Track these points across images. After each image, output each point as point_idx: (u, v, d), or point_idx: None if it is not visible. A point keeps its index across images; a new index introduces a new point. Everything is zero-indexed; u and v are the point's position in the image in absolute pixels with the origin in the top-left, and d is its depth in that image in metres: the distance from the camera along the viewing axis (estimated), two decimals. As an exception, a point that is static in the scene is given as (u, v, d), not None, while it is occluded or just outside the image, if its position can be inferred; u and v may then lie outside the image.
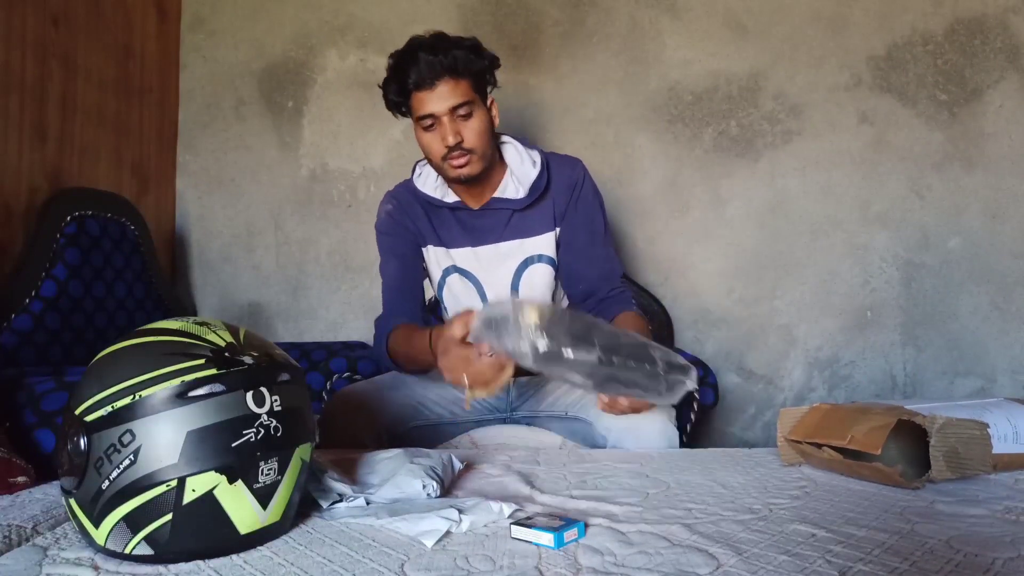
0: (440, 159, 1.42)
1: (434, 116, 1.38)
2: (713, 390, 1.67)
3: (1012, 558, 0.72)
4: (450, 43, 1.39)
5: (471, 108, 1.40)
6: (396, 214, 1.55)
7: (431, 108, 1.38)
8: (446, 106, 1.38)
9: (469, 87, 1.40)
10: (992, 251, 2.16)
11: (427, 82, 1.37)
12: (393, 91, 1.42)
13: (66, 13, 1.83)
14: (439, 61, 1.36)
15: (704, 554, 0.74)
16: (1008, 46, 2.15)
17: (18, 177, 1.70)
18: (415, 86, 1.38)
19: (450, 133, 1.38)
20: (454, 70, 1.37)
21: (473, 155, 1.41)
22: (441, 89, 1.37)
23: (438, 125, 1.39)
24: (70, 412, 0.73)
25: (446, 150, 1.39)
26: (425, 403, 1.47)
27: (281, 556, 0.73)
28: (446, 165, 1.42)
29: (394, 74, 1.41)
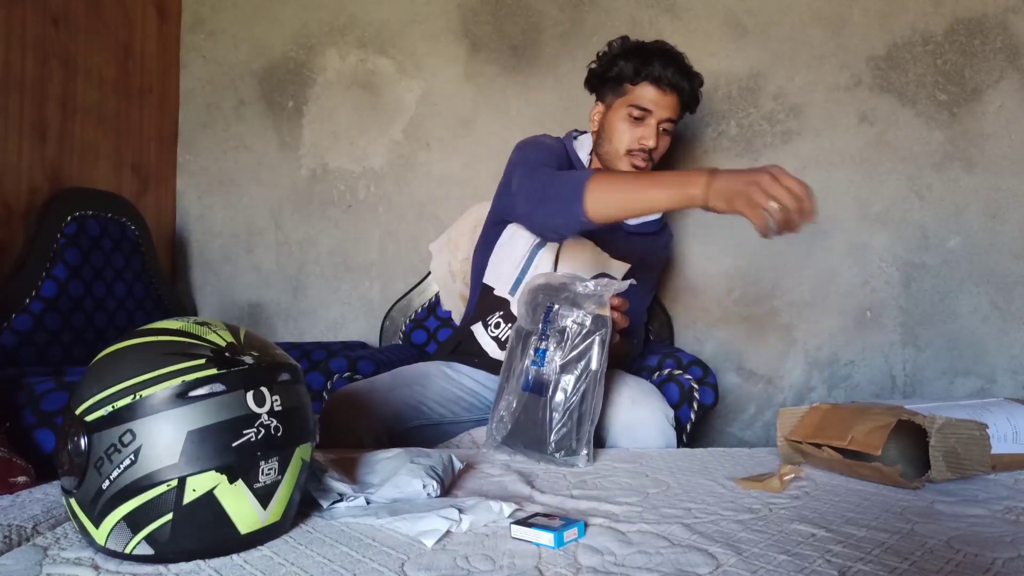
0: (625, 151, 1.50)
1: (649, 113, 1.48)
2: (713, 390, 1.67)
3: (1012, 558, 0.72)
4: (694, 71, 1.53)
5: (673, 128, 1.54)
6: (555, 148, 1.55)
7: (653, 106, 1.48)
8: (664, 114, 1.49)
9: (679, 113, 1.53)
10: (992, 251, 2.16)
11: (664, 84, 1.47)
12: (625, 67, 1.48)
13: (66, 13, 1.83)
14: (683, 78, 1.48)
15: (704, 554, 0.74)
16: (1008, 46, 2.15)
17: (18, 177, 1.70)
18: (652, 79, 1.46)
19: (652, 137, 1.48)
20: (683, 93, 1.50)
21: (651, 165, 1.52)
22: (669, 98, 1.48)
23: (646, 123, 1.48)
24: (70, 412, 0.73)
25: (639, 147, 1.49)
26: (426, 403, 1.47)
27: (281, 556, 0.73)
28: (626, 158, 1.50)
29: (636, 56, 1.48)
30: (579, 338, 1.15)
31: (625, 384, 1.43)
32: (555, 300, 1.17)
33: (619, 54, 1.52)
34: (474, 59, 2.27)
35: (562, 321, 1.16)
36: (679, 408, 1.61)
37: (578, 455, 1.13)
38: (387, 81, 2.29)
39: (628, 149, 1.50)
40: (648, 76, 1.47)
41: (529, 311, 1.20)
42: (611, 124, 1.52)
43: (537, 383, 1.16)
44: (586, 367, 1.14)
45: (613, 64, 1.52)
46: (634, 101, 1.49)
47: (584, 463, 1.14)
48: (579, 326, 1.15)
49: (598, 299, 1.16)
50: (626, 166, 1.51)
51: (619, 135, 1.50)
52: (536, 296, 1.20)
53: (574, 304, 1.16)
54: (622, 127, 1.50)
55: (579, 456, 1.13)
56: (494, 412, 1.22)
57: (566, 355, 1.15)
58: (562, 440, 1.13)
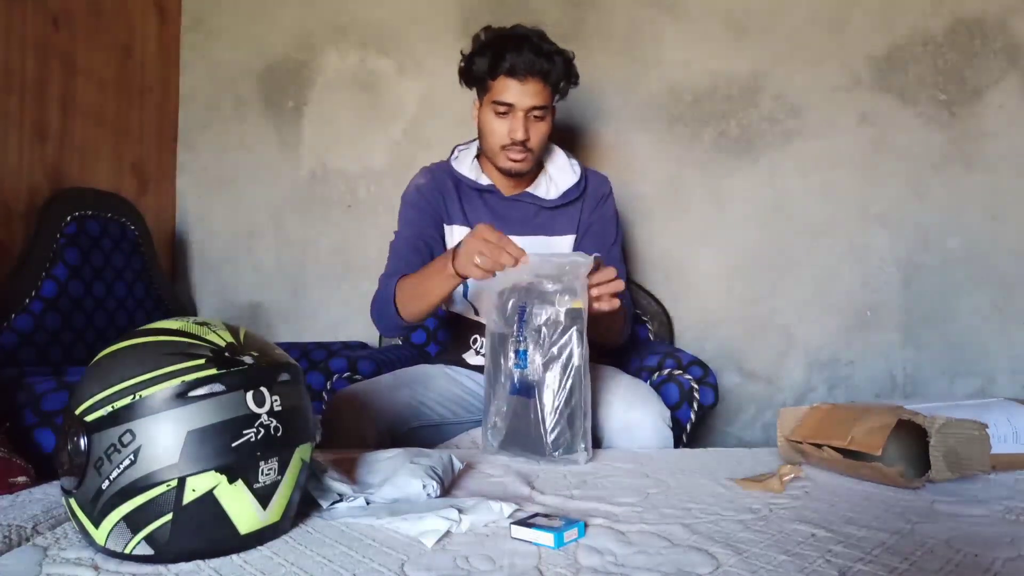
0: (499, 147, 1.48)
1: (512, 107, 1.44)
2: (713, 390, 1.67)
3: (1012, 558, 0.72)
4: (553, 49, 1.46)
5: (545, 113, 1.48)
6: (426, 189, 1.57)
7: (513, 99, 1.44)
8: (528, 103, 1.44)
9: (550, 95, 1.48)
10: (992, 251, 2.16)
11: (520, 73, 1.42)
12: (482, 64, 1.45)
13: (66, 13, 1.83)
14: (540, 62, 1.43)
15: (704, 554, 0.74)
16: (1008, 46, 2.15)
17: (18, 177, 1.70)
18: (508, 71, 1.43)
19: (521, 128, 1.44)
20: (547, 75, 1.44)
21: (531, 155, 1.49)
22: (530, 86, 1.43)
23: (512, 116, 1.45)
24: (70, 412, 0.73)
25: (510, 142, 1.46)
26: (428, 403, 1.47)
27: (281, 556, 0.73)
28: (502, 154, 1.48)
29: (490, 50, 1.45)
30: (556, 335, 1.15)
31: (621, 385, 1.43)
32: (526, 300, 1.17)
33: (475, 51, 1.48)
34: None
35: (536, 320, 1.16)
36: (679, 408, 1.61)
37: (576, 451, 1.13)
38: (387, 81, 2.29)
39: (501, 145, 1.48)
40: (502, 69, 1.43)
41: (501, 315, 1.20)
42: (483, 122, 1.50)
43: (524, 385, 1.16)
44: (568, 362, 1.14)
45: (471, 63, 1.48)
46: (495, 97, 1.45)
47: (584, 459, 1.13)
48: (554, 323, 1.15)
49: (570, 291, 1.15)
50: (504, 162, 1.49)
51: (490, 133, 1.48)
52: (506, 298, 1.20)
53: (546, 301, 1.16)
54: (493, 124, 1.47)
55: (578, 453, 1.13)
56: (485, 418, 1.22)
57: (546, 353, 1.14)
58: (558, 439, 1.13)
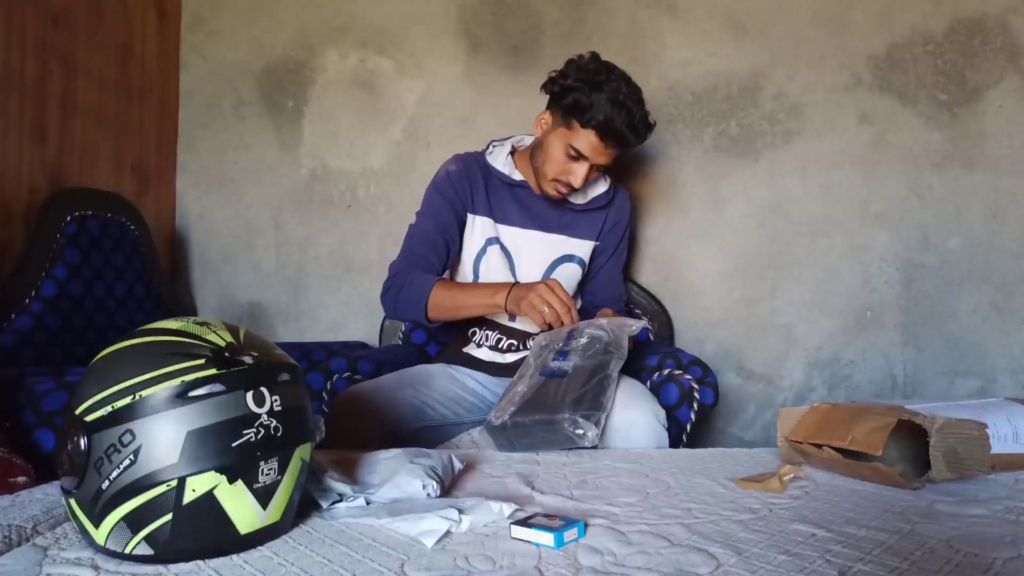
0: (551, 178, 1.51)
1: (586, 160, 1.47)
2: (713, 390, 1.67)
3: (1012, 558, 0.72)
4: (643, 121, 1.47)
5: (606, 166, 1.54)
6: (456, 176, 1.59)
7: (590, 155, 1.47)
8: (601, 161, 1.49)
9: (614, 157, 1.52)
10: (992, 251, 2.16)
11: (608, 139, 1.45)
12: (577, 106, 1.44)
13: (66, 13, 1.83)
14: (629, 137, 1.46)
15: (704, 554, 0.74)
16: (1008, 46, 2.15)
17: (18, 177, 1.70)
18: (598, 130, 1.44)
19: (581, 179, 1.49)
20: (628, 145, 1.50)
21: (571, 192, 1.55)
22: (610, 151, 1.48)
23: (580, 163, 1.48)
24: (70, 412, 0.73)
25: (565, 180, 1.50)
26: (430, 403, 1.47)
27: (281, 556, 0.73)
28: (552, 184, 1.53)
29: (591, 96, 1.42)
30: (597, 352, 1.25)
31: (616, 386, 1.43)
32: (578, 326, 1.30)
33: (575, 85, 1.45)
34: (474, 59, 2.27)
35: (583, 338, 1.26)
36: (679, 408, 1.61)
37: (591, 420, 1.13)
38: (387, 81, 2.29)
39: (555, 177, 1.51)
40: (595, 127, 1.43)
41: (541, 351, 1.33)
42: (549, 146, 1.51)
43: (558, 371, 1.23)
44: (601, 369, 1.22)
45: (566, 93, 1.46)
46: (574, 141, 1.46)
47: (593, 435, 1.13)
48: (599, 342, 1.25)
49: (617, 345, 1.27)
50: (549, 189, 1.54)
51: (552, 162, 1.50)
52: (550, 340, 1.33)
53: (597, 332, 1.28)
54: (557, 156, 1.49)
55: (592, 421, 1.13)
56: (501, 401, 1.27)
57: (584, 357, 1.23)
58: (579, 401, 1.15)
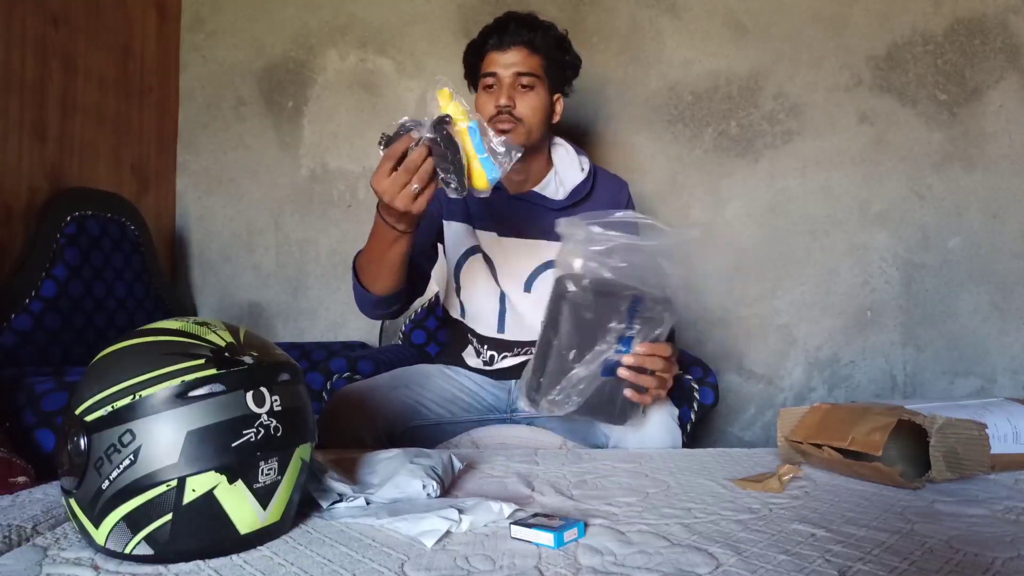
0: (488, 120, 1.40)
1: (496, 76, 1.41)
2: (713, 390, 1.67)
3: (1012, 558, 0.72)
4: (541, 23, 1.43)
5: (534, 82, 1.42)
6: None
7: (495, 67, 1.41)
8: (511, 71, 1.40)
9: (539, 64, 1.42)
10: (992, 251, 2.16)
11: (502, 44, 1.40)
12: (471, 51, 1.46)
13: (66, 13, 1.83)
14: (522, 31, 1.41)
15: (704, 554, 0.74)
16: (1008, 46, 2.15)
17: (18, 177, 1.70)
18: (491, 47, 1.42)
19: (504, 95, 1.39)
20: (533, 43, 1.41)
21: (520, 125, 1.41)
22: (512, 54, 1.40)
23: (497, 87, 1.41)
24: (70, 412, 0.73)
25: (495, 112, 1.40)
26: (425, 403, 1.47)
27: (281, 556, 0.73)
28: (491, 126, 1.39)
29: (478, 36, 1.45)
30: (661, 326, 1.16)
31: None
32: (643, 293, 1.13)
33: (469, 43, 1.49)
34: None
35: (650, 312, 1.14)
36: (679, 408, 1.61)
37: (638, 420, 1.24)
38: (387, 81, 2.29)
39: (490, 117, 1.41)
40: (489, 47, 1.42)
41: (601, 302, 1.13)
42: (477, 105, 1.45)
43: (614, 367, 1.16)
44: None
45: (466, 61, 1.49)
46: (482, 71, 1.44)
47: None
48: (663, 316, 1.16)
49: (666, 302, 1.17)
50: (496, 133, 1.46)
51: (481, 107, 1.44)
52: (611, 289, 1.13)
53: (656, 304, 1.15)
54: (480, 100, 1.44)
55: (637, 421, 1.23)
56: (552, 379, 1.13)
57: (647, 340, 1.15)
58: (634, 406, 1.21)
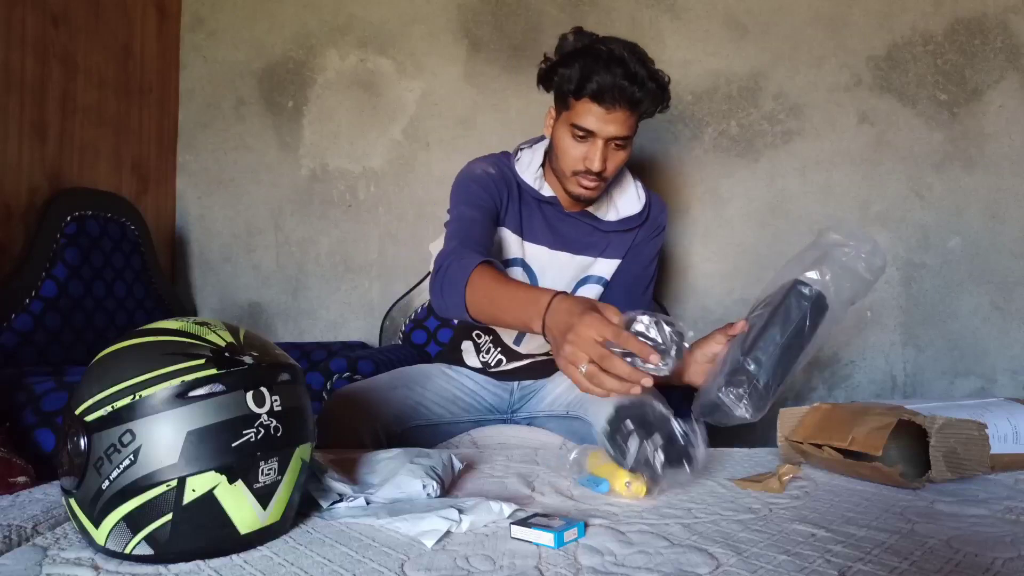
0: (571, 171, 1.36)
1: (593, 134, 1.31)
2: (713, 390, 1.67)
3: (1012, 558, 0.72)
4: (647, 74, 1.29)
5: (627, 143, 1.35)
6: (494, 177, 1.43)
7: (595, 127, 1.30)
8: (610, 133, 1.30)
9: (635, 122, 1.34)
10: (992, 251, 2.16)
11: (607, 101, 1.27)
12: (565, 80, 1.31)
13: (66, 13, 1.83)
14: (631, 90, 1.27)
15: (704, 554, 0.74)
16: (1008, 46, 2.15)
17: (18, 177, 1.70)
18: (593, 96, 1.28)
19: (599, 159, 1.31)
20: (637, 104, 1.29)
21: (603, 184, 1.38)
22: (616, 116, 1.29)
23: (591, 142, 1.32)
24: (70, 412, 0.73)
25: (584, 170, 1.34)
26: (424, 403, 1.47)
27: (281, 556, 0.73)
28: (573, 180, 1.37)
29: (577, 64, 1.29)
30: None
31: None
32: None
33: (560, 60, 1.33)
34: (474, 59, 2.27)
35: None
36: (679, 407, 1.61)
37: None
38: (387, 81, 2.29)
39: (574, 171, 1.35)
40: (588, 92, 1.27)
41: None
42: (558, 140, 1.37)
43: None
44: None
45: (553, 73, 1.34)
46: (576, 120, 1.31)
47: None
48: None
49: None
50: (575, 188, 1.37)
51: (564, 154, 1.35)
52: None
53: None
54: (567, 144, 1.34)
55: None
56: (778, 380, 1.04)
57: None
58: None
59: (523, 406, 1.55)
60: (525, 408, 1.55)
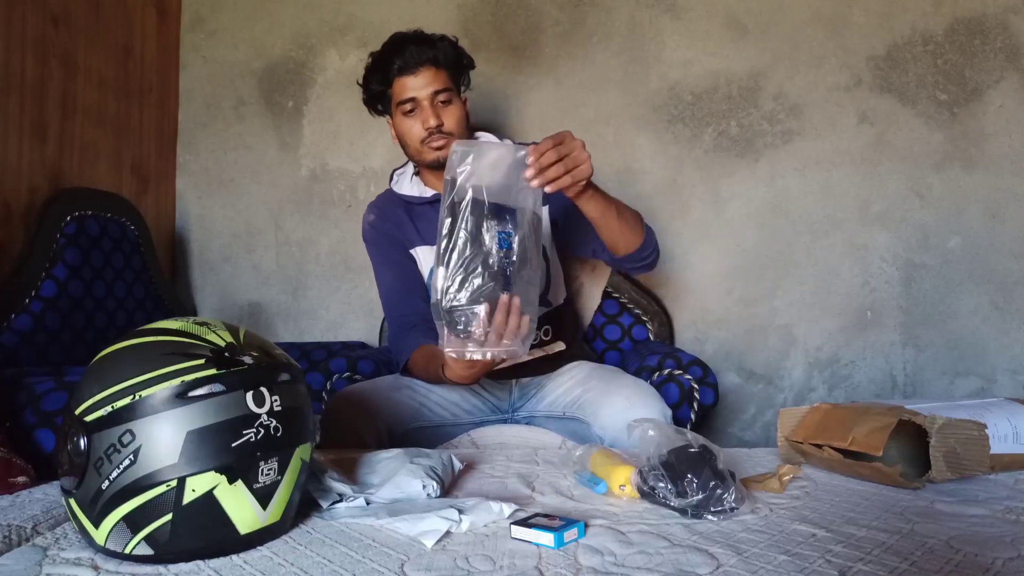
0: (420, 142, 1.48)
1: (415, 100, 1.46)
2: (713, 390, 1.67)
3: (1012, 558, 0.72)
4: (433, 37, 1.49)
5: (450, 96, 1.48)
6: (378, 223, 1.59)
7: (413, 92, 1.45)
8: (428, 91, 1.45)
9: (448, 77, 1.48)
10: (992, 251, 2.16)
11: (411, 68, 1.45)
12: (376, 80, 1.49)
13: (66, 13, 1.83)
14: (424, 50, 1.45)
15: (704, 554, 0.74)
16: (1008, 46, 2.15)
17: (18, 177, 1.70)
18: (399, 71, 1.45)
19: (431, 116, 1.45)
20: (436, 60, 1.46)
21: (452, 138, 1.46)
22: (424, 74, 1.45)
23: (419, 109, 1.46)
24: (70, 412, 0.73)
25: (426, 133, 1.46)
26: (427, 404, 1.47)
27: (281, 556, 0.73)
28: (425, 148, 1.48)
29: (377, 64, 1.49)
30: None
31: (623, 385, 1.43)
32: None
33: (366, 74, 1.52)
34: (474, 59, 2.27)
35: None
36: (679, 408, 1.61)
37: None
38: (387, 81, 2.29)
39: (420, 140, 1.47)
40: (396, 71, 1.46)
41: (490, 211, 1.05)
42: (399, 129, 1.51)
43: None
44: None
45: (367, 85, 1.53)
46: (399, 98, 1.48)
47: None
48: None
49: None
50: (430, 154, 1.47)
51: (407, 133, 1.49)
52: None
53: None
54: (406, 125, 1.49)
55: None
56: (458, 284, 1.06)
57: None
58: None
59: (524, 404, 1.55)
60: (526, 407, 1.55)
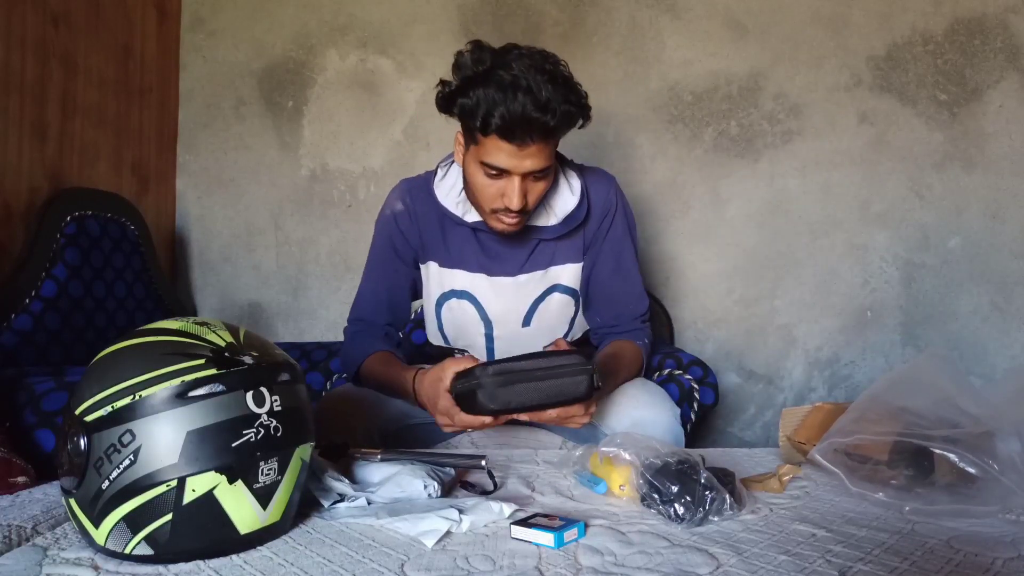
0: (490, 209, 1.22)
1: (508, 172, 1.16)
2: (713, 390, 1.67)
3: (1012, 558, 0.72)
4: (561, 96, 1.10)
5: (547, 172, 1.19)
6: (404, 220, 1.36)
7: (510, 165, 1.14)
8: (527, 168, 1.15)
9: (553, 149, 1.17)
10: (992, 251, 2.16)
11: (518, 137, 1.11)
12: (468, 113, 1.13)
13: (66, 13, 1.83)
14: (542, 120, 1.09)
15: (704, 554, 0.74)
16: (1008, 46, 2.15)
17: (18, 177, 1.70)
18: (501, 133, 1.11)
19: (518, 197, 1.16)
20: (553, 134, 1.14)
21: (525, 216, 1.24)
22: (530, 150, 1.13)
23: (506, 179, 1.17)
24: (70, 412, 0.73)
25: (502, 207, 1.19)
26: (421, 403, 1.45)
27: (281, 556, 0.73)
28: (493, 217, 1.23)
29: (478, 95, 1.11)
30: None
31: (630, 384, 1.41)
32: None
33: (459, 87, 1.14)
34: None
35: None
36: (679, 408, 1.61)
37: None
38: (387, 81, 2.29)
39: (492, 208, 1.21)
40: (496, 130, 1.10)
41: None
42: (471, 175, 1.21)
43: None
44: None
45: (452, 101, 1.15)
46: (486, 158, 1.15)
47: None
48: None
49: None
50: (496, 224, 1.23)
51: (479, 192, 1.20)
52: None
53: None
54: (481, 183, 1.19)
55: None
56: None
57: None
58: None
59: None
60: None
